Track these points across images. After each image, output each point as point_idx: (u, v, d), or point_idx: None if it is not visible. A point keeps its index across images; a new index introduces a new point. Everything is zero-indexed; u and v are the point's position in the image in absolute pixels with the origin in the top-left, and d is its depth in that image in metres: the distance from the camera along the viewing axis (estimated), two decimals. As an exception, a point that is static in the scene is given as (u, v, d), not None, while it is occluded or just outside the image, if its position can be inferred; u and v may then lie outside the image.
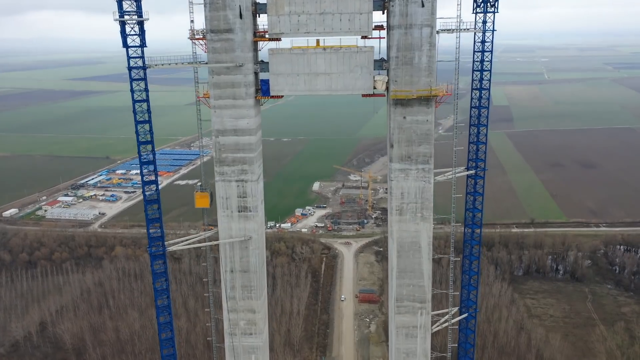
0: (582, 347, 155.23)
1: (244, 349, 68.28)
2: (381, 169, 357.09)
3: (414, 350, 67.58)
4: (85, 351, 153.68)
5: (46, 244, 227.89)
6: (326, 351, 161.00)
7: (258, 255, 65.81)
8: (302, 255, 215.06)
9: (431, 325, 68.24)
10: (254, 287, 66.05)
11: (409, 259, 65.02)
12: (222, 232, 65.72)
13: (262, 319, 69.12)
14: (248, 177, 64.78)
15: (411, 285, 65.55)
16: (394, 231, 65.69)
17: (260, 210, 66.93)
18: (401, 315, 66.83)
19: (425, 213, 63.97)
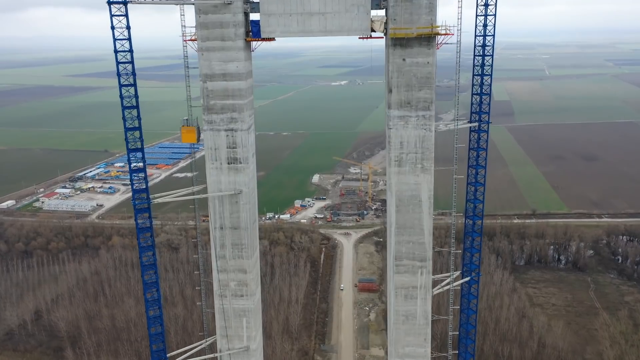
0: (584, 335, 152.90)
1: (234, 312, 64.84)
2: (381, 162, 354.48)
3: (414, 312, 64.63)
4: (80, 338, 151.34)
5: (42, 233, 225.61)
6: (325, 339, 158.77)
7: (249, 210, 62.19)
8: (301, 244, 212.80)
9: (432, 287, 64.95)
10: (244, 246, 62.45)
11: (409, 214, 61.64)
12: (210, 185, 61.77)
13: (254, 280, 65.87)
14: (238, 125, 60.38)
15: (411, 243, 62.22)
16: (392, 184, 62.15)
17: (251, 162, 63.57)
18: (400, 275, 63.77)
19: (425, 164, 60.60)
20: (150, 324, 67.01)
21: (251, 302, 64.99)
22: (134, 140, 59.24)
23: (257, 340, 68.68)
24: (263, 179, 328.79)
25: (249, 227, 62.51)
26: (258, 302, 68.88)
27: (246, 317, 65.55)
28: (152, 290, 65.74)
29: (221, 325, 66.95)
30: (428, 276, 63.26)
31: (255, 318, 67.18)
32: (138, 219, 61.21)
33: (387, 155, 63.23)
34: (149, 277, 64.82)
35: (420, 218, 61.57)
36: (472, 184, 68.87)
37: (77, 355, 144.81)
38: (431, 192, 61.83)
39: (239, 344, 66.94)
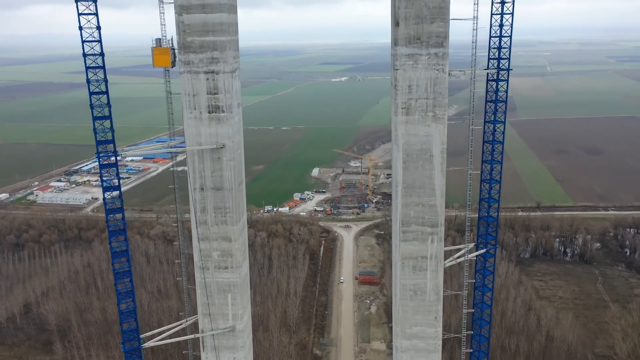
0: (594, 328, 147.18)
1: (218, 286, 56.75)
2: (382, 155, 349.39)
3: (423, 287, 56.59)
4: (70, 332, 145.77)
5: (35, 226, 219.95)
6: (324, 333, 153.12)
7: (234, 168, 53.90)
8: (299, 237, 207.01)
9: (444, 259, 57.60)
10: (229, 209, 54.34)
11: (418, 171, 53.41)
12: (189, 139, 54.01)
13: (240, 250, 57.30)
14: (220, 67, 51.92)
15: (420, 205, 53.81)
16: (399, 135, 53.86)
17: (235, 112, 55.02)
18: (407, 243, 55.43)
19: (438, 112, 52.34)
20: (120, 300, 60.15)
21: (237, 275, 57.31)
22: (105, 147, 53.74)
23: (245, 319, 61.34)
24: (262, 172, 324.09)
25: (234, 188, 54.59)
26: (245, 276, 61.43)
27: (231, 292, 57.79)
28: (120, 260, 59.16)
29: (203, 302, 59.59)
30: (440, 244, 55.53)
31: (242, 294, 59.53)
32: (106, 198, 55.00)
33: (393, 102, 55.40)
34: (118, 244, 58.17)
35: (431, 176, 53.53)
36: (489, 142, 62.16)
37: (66, 349, 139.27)
38: (444, 146, 53.96)
39: (224, 323, 59.72)
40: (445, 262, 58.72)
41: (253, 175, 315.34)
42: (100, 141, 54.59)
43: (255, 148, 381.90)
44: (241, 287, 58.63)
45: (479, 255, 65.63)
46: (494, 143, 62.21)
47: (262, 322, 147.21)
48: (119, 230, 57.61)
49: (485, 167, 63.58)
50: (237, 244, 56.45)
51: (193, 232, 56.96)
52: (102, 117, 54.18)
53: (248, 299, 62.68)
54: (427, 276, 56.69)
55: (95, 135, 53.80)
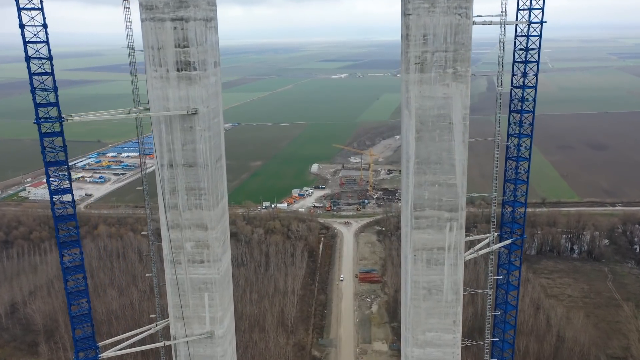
0: (605, 328, 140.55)
1: (192, 284, 47.59)
2: (382, 151, 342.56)
3: (439, 284, 46.72)
4: (57, 332, 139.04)
5: (25, 223, 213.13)
6: (323, 333, 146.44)
7: (209, 140, 44.02)
8: (298, 233, 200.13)
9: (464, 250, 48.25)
10: (204, 191, 44.36)
11: (434, 142, 43.37)
12: (154, 103, 43.84)
13: (219, 241, 47.30)
14: (190, 13, 42.02)
15: (436, 185, 43.96)
16: (411, 98, 43.85)
17: (211, 71, 44.88)
18: (421, 232, 45.46)
19: (459, 68, 42.58)
20: (70, 301, 51.54)
21: (215, 270, 47.49)
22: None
23: (225, 324, 52.41)
24: (260, 168, 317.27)
25: (210, 165, 44.58)
26: (226, 272, 51.33)
27: (209, 291, 48.25)
28: (70, 252, 49.82)
29: (174, 302, 50.62)
30: (460, 233, 45.90)
31: (222, 293, 50.19)
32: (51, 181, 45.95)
33: (404, 58, 45.62)
34: (66, 232, 48.78)
35: (450, 148, 43.76)
36: (517, 111, 54.33)
37: (52, 350, 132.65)
38: (466, 111, 44.32)
39: (200, 328, 50.60)
40: (465, 254, 49.49)
41: (251, 171, 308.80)
42: (40, 104, 45.18)
43: (254, 144, 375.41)
44: (220, 284, 49.18)
45: (502, 248, 57.19)
46: (522, 112, 54.15)
47: (258, 322, 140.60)
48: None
49: (512, 141, 55.69)
50: (215, 233, 46.61)
51: (161, 218, 48.02)
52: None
53: (230, 299, 53.44)
54: (444, 271, 46.89)
55: (34, 94, 43.83)
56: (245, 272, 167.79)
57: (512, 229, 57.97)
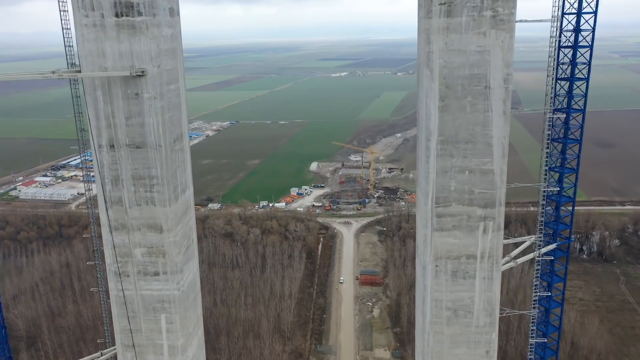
0: (620, 333, 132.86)
1: (144, 302, 35.81)
2: (383, 149, 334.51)
3: (468, 303, 35.76)
4: (40, 338, 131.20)
5: (12, 222, 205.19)
6: (322, 339, 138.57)
7: (162, 112, 32.62)
8: (296, 233, 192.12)
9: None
10: (157, 180, 33.19)
11: (464, 113, 32.35)
12: (86, 61, 32.36)
13: (180, 246, 35.85)
14: None
15: (467, 172, 33.14)
16: (433, 53, 32.85)
17: (165, 20, 33.41)
18: (444, 234, 34.67)
19: (501, 9, 32.01)
20: None
21: (173, 285, 35.86)
22: None
23: (190, 353, 39.75)
24: (258, 166, 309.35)
25: (166, 146, 33.32)
26: (191, 287, 39.01)
27: (166, 312, 36.50)
28: None
29: (122, 326, 38.54)
30: (497, 236, 34.88)
31: (185, 314, 37.70)
32: None
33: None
34: None
35: (486, 122, 32.65)
36: (566, 79, 45.90)
37: (34, 358, 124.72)
38: (509, 70, 33.18)
39: (155, 359, 38.71)
40: (503, 262, 40.65)
41: (248, 170, 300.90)
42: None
43: (251, 142, 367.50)
44: (182, 303, 37.10)
45: (543, 255, 47.78)
46: (573, 80, 45.38)
47: (252, 328, 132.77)
48: None
49: (558, 120, 46.46)
50: (173, 236, 35.09)
51: (101, 217, 36.96)
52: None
53: (196, 321, 40.96)
54: (474, 286, 35.56)
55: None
56: (240, 274, 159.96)
57: (555, 230, 48.77)
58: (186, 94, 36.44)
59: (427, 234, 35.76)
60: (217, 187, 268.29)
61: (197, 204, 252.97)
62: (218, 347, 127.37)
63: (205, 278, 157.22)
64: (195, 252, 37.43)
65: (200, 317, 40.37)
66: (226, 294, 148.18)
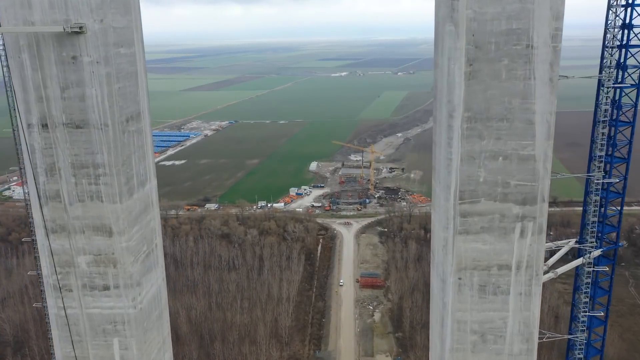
0: (631, 339, 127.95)
1: (91, 323, 28.18)
2: (384, 149, 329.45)
3: (500, 325, 27.86)
4: (27, 343, 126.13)
5: (4, 223, 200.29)
6: (321, 344, 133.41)
7: (109, 81, 24.93)
8: (294, 234, 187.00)
9: None
10: (104, 169, 25.73)
11: (499, 81, 24.38)
12: (7, 14, 25.11)
13: (136, 253, 27.97)
14: None
15: (500, 158, 25.37)
16: (459, 1, 24.61)
17: None
18: (471, 239, 27.12)
19: None
20: None
21: (128, 302, 28.01)
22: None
23: None
24: (257, 166, 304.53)
25: (115, 126, 25.72)
26: (153, 304, 30.77)
27: (119, 335, 28.43)
28: None
29: (65, 353, 30.49)
30: (538, 240, 27.45)
31: (144, 338, 29.39)
32: None
33: None
34: None
35: (526, 92, 24.80)
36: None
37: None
38: (559, 25, 26.47)
39: None
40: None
41: (247, 170, 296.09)
42: None
43: (250, 142, 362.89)
44: (140, 324, 28.95)
45: (584, 263, 41.39)
46: (627, 47, 38.70)
47: (248, 333, 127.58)
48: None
49: (604, 101, 39.26)
50: (127, 241, 27.31)
51: (34, 216, 29.15)
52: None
53: (162, 343, 32.56)
54: (508, 304, 27.68)
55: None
56: (237, 276, 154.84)
57: (601, 233, 41.99)
58: (182, 93, 29.52)
59: (447, 237, 27.96)
60: (214, 187, 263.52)
61: (194, 205, 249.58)
62: (212, 352, 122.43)
63: (201, 280, 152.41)
64: (160, 259, 30.29)
65: (168, 338, 33.27)
66: (222, 297, 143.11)
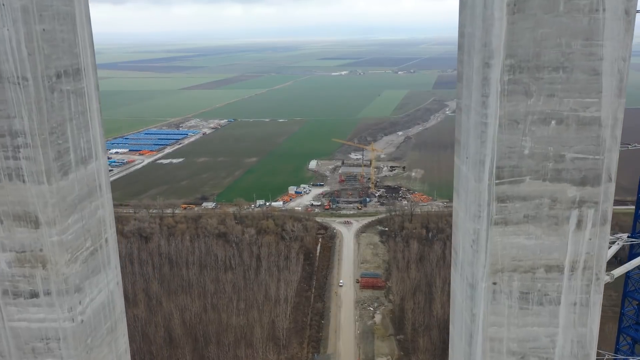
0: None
1: (16, 340, 13.10)
2: (385, 148, 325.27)
3: (546, 344, 13.69)
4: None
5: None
6: (320, 347, 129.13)
7: (26, 18, 10.52)
8: (293, 234, 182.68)
9: None
10: (23, 137, 11.32)
11: (553, 14, 11.42)
12: None
13: (74, 250, 12.66)
14: None
15: (553, 121, 12.37)
16: None
17: None
18: (510, 231, 13.15)
19: None
20: None
21: (63, 312, 13.87)
22: None
23: None
24: (255, 165, 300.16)
25: (40, 80, 12.26)
26: (102, 314, 15.15)
27: (53, 355, 13.88)
28: None
29: None
30: (601, 234, 13.74)
31: (90, 357, 14.31)
32: None
33: None
34: None
35: (592, 31, 12.23)
36: None
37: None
38: None
39: None
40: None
41: (245, 168, 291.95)
42: None
43: (249, 140, 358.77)
44: (82, 340, 14.49)
45: None
46: None
47: (244, 336, 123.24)
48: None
49: None
50: (60, 234, 13.65)
51: None
52: None
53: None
54: (558, 317, 14.69)
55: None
56: (233, 276, 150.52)
57: None
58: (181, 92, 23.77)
59: (479, 230, 17.53)
60: (212, 186, 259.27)
61: (190, 203, 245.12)
62: (207, 355, 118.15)
63: (196, 281, 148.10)
64: (113, 259, 22.21)
65: (125, 356, 25.70)
66: (217, 298, 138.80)
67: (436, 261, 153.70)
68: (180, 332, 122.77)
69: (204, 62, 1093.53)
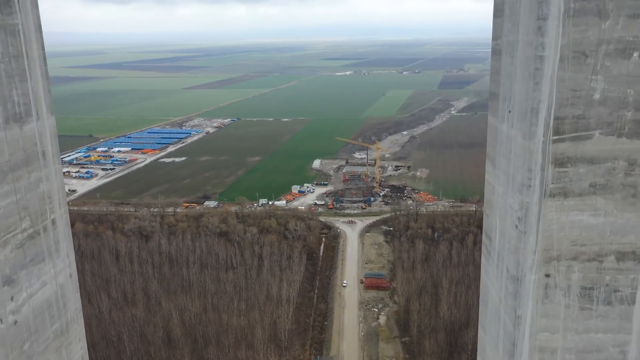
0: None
1: None
2: (389, 147, 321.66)
3: (614, 355, 4.66)
4: None
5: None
6: (323, 349, 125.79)
7: None
8: (296, 233, 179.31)
9: None
10: None
11: None
12: None
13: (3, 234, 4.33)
14: None
15: (635, 54, 3.90)
16: None
17: None
18: (569, 205, 4.79)
19: None
20: None
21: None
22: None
23: None
24: (258, 164, 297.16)
25: None
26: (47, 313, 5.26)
27: None
28: None
29: None
30: None
31: None
32: None
33: None
34: None
35: None
36: None
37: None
38: None
39: None
40: None
41: (248, 167, 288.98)
42: None
43: (253, 139, 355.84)
44: (17, 346, 5.27)
45: None
46: None
47: (245, 337, 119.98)
48: None
49: None
50: None
51: None
52: None
53: None
54: (631, 320, 5.23)
55: None
56: (234, 276, 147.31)
57: None
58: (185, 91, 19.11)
59: (529, 204, 6.46)
60: (214, 185, 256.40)
61: (192, 202, 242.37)
62: (207, 357, 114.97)
63: (196, 280, 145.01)
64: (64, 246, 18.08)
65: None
66: (218, 298, 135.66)
67: (442, 261, 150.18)
68: (179, 332, 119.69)
69: (208, 62, 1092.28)
